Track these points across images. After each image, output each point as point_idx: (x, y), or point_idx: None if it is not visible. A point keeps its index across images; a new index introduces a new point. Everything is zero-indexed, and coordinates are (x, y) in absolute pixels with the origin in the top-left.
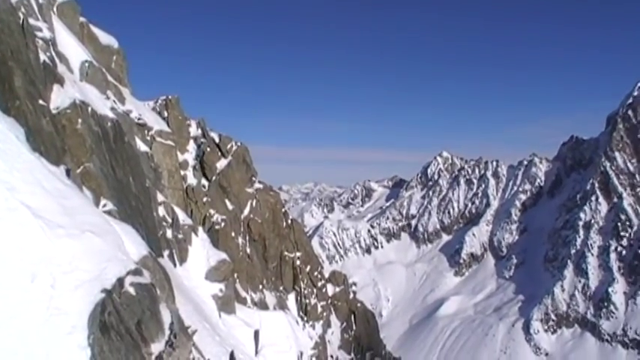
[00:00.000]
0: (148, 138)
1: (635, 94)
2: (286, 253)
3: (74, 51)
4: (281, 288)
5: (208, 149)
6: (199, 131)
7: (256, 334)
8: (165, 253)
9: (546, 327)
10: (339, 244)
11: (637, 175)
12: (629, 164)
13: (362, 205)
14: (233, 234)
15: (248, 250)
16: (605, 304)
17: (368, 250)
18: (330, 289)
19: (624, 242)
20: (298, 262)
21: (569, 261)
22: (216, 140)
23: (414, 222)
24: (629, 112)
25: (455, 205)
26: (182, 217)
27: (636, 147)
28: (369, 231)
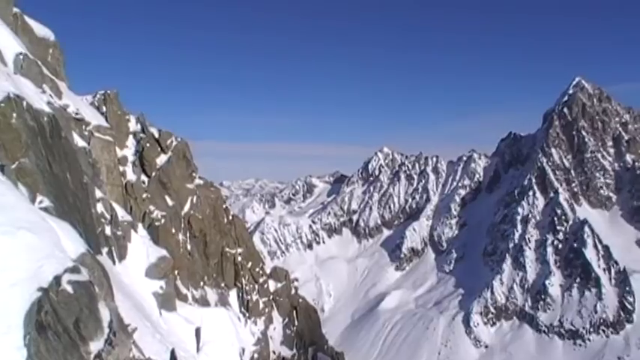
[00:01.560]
0: (86, 133)
1: (571, 92)
2: (227, 249)
3: (7, 43)
4: (222, 284)
5: (148, 145)
6: (139, 126)
7: (197, 331)
8: (104, 250)
9: (486, 320)
10: (280, 239)
11: (572, 171)
12: (564, 160)
13: (303, 201)
14: (173, 230)
15: (189, 247)
16: (542, 296)
17: (309, 246)
18: (272, 285)
19: (560, 236)
20: (240, 259)
21: (507, 255)
22: (156, 136)
23: (355, 217)
24: (565, 110)
25: (395, 200)
26: (121, 214)
27: (571, 143)
28: (310, 226)
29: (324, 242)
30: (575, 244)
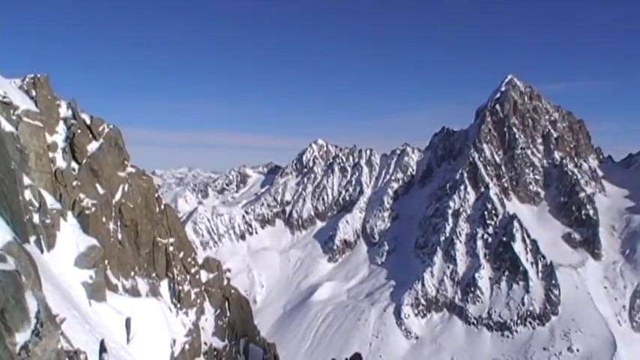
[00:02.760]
0: (14, 118)
1: (503, 89)
2: (159, 239)
3: None
4: (153, 275)
5: (79, 131)
6: (70, 112)
7: (128, 321)
8: (32, 238)
9: (416, 311)
10: (213, 230)
11: (503, 167)
12: (495, 156)
13: (237, 191)
14: (104, 219)
15: (119, 236)
16: (472, 289)
17: (242, 237)
18: (204, 276)
19: (490, 230)
20: (171, 248)
21: (438, 248)
22: (88, 122)
23: (288, 208)
24: (497, 107)
25: (329, 192)
26: (50, 202)
27: (503, 140)
28: (243, 217)
29: (257, 233)
30: (504, 238)
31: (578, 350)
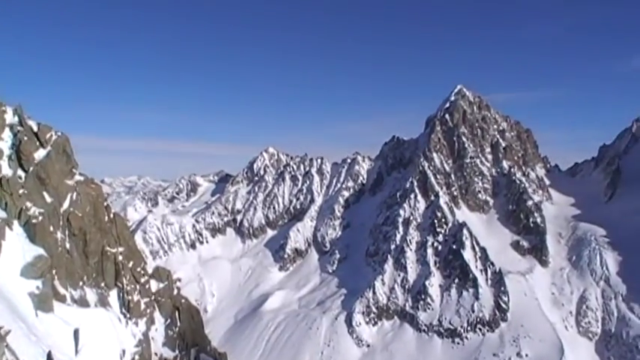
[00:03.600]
0: None
1: (452, 99)
2: (108, 248)
3: None
4: (102, 284)
5: (25, 138)
6: (16, 119)
7: (76, 333)
8: None
9: (368, 319)
10: (163, 239)
11: (452, 175)
12: (445, 165)
13: (187, 200)
14: (51, 228)
15: (67, 246)
16: (423, 296)
17: (193, 246)
18: (154, 286)
19: (440, 238)
20: (121, 258)
21: (389, 256)
22: (35, 129)
23: (239, 217)
24: (447, 116)
25: (280, 200)
26: None
27: (452, 149)
28: (193, 226)
29: (207, 242)
30: (454, 246)
31: (527, 355)
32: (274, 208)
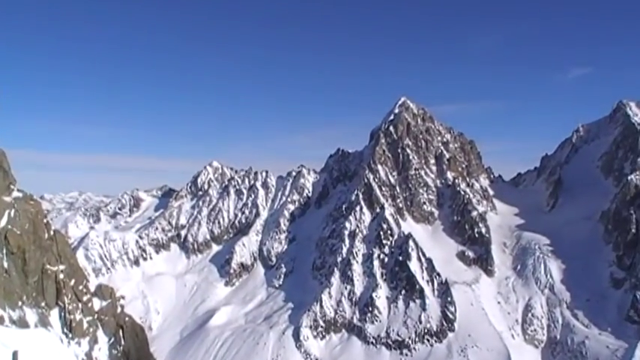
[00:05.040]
0: None
1: (396, 111)
2: (48, 266)
3: None
4: (43, 304)
5: None
6: None
7: (15, 355)
8: None
9: (315, 333)
10: (105, 256)
11: (397, 187)
12: (390, 177)
13: (130, 215)
14: None
15: (5, 265)
16: (370, 308)
17: (136, 262)
18: (97, 304)
19: (386, 250)
20: (62, 276)
21: (335, 268)
22: None
23: (183, 232)
24: (391, 128)
25: (225, 215)
26: None
27: (397, 161)
28: (137, 242)
29: (151, 258)
30: (400, 258)
31: None
32: (219, 222)
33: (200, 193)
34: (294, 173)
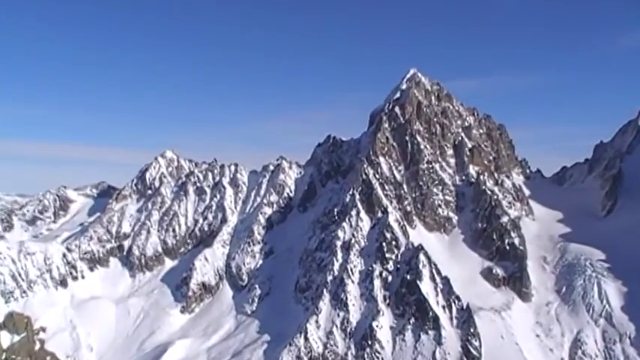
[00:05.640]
0: None
1: (404, 87)
2: None
3: None
4: None
5: None
6: None
7: None
8: None
9: None
10: (20, 274)
11: (405, 186)
12: (395, 172)
13: (55, 221)
14: None
15: None
16: (369, 341)
17: (63, 282)
18: (6, 339)
19: (390, 266)
20: None
21: (325, 290)
22: None
23: (127, 243)
24: (396, 110)
25: (182, 220)
26: None
27: (404, 151)
28: (64, 256)
29: (83, 277)
30: (408, 277)
31: None
32: (174, 230)
33: (149, 192)
34: (271, 167)
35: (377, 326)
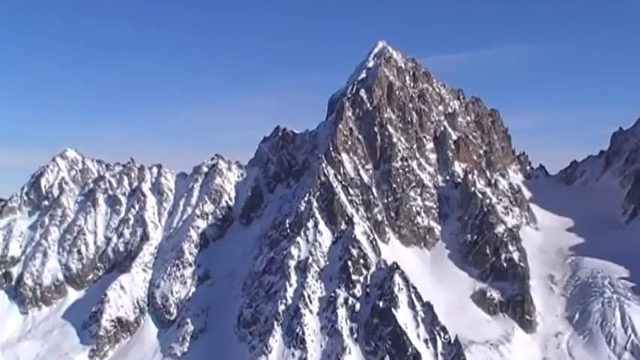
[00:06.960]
0: None
1: (370, 65)
2: None
3: None
4: None
5: None
6: None
7: None
8: None
9: None
10: None
11: (374, 189)
12: (362, 172)
13: None
14: None
15: None
16: None
17: None
18: None
19: (357, 291)
20: None
21: (276, 323)
22: None
23: (16, 270)
24: (362, 93)
25: (90, 239)
26: None
27: (372, 146)
28: None
29: None
30: (380, 304)
31: None
32: (80, 252)
33: (45, 203)
34: (204, 169)
35: None
